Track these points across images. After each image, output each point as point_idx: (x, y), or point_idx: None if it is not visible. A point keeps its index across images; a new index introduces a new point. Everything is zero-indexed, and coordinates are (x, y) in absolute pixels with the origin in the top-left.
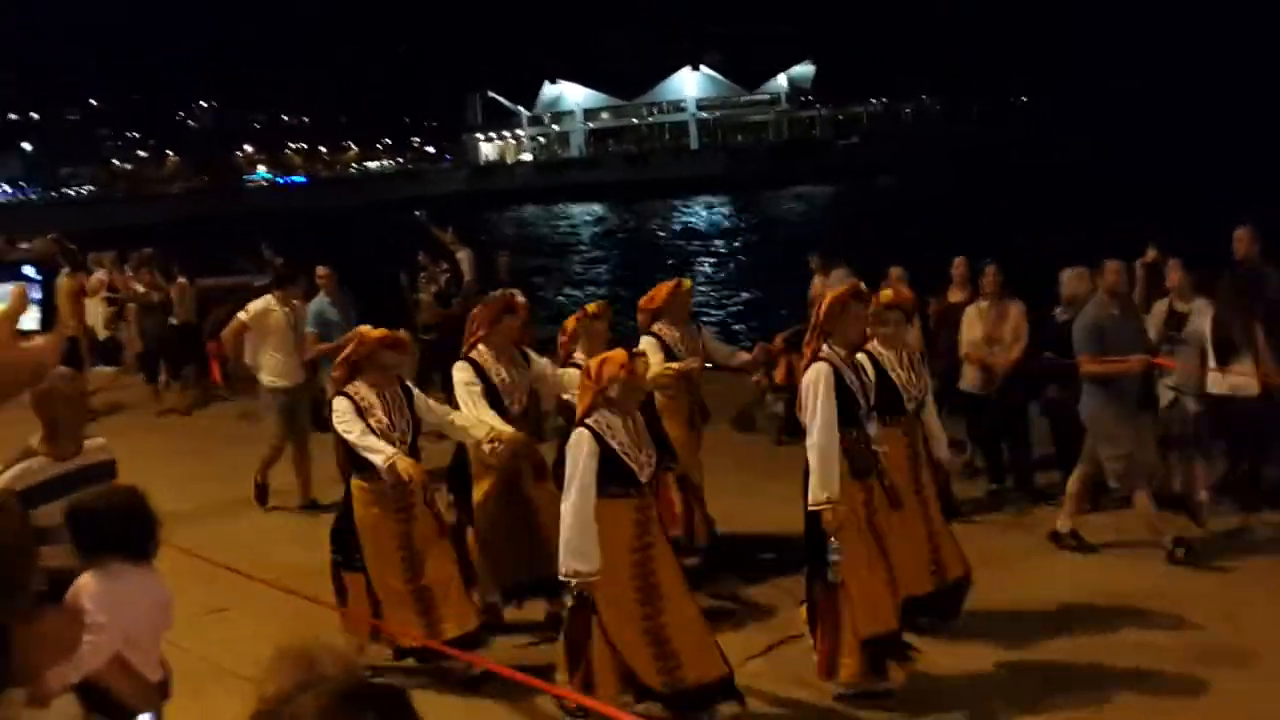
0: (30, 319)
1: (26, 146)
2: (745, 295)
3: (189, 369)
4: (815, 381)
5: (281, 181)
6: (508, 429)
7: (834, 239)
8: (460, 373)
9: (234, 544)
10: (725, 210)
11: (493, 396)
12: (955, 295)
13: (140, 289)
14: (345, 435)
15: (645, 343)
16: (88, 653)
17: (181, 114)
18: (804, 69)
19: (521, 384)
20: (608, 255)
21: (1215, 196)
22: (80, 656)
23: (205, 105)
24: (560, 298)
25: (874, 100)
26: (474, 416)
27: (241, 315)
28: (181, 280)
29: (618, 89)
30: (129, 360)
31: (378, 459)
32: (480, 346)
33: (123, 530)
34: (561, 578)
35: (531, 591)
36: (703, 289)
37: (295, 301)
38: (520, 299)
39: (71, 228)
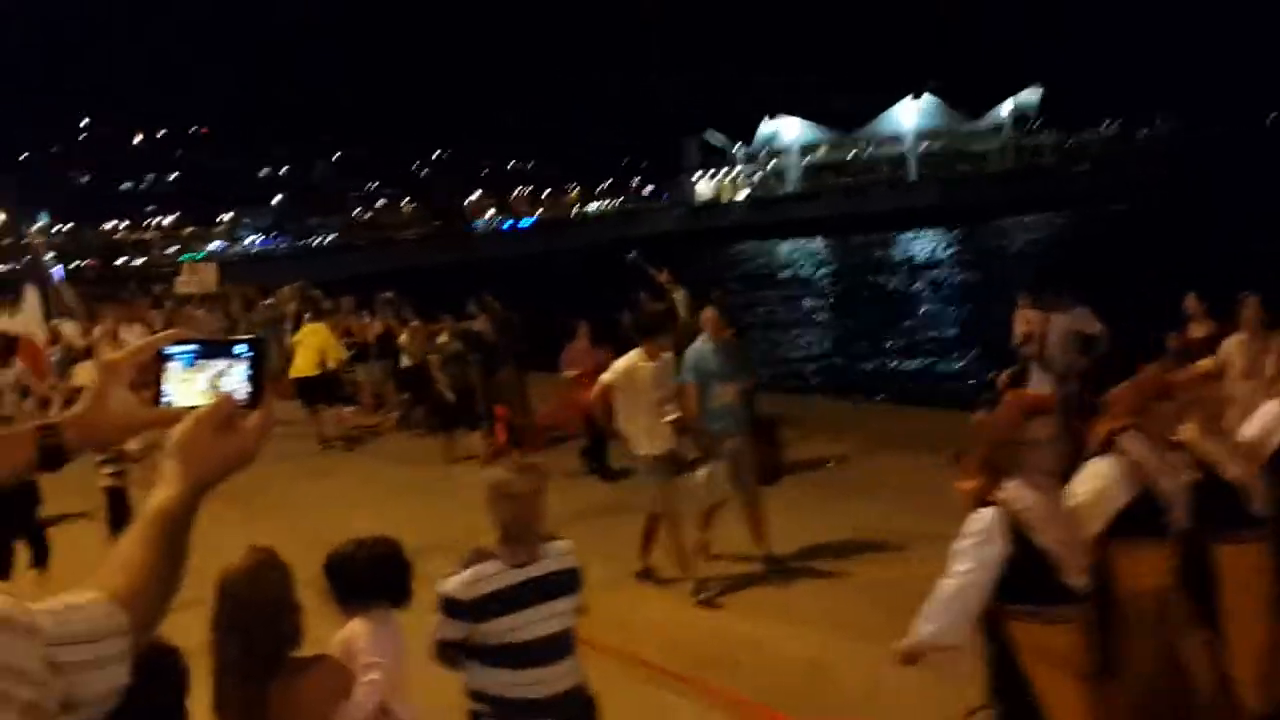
0: (240, 392)
1: (278, 199)
2: (965, 330)
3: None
4: None
5: (506, 226)
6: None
7: (1062, 271)
8: (1095, 479)
9: None
10: (946, 242)
11: (1152, 509)
12: (1197, 330)
13: (444, 338)
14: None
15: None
16: (365, 694)
17: (416, 163)
18: (1030, 94)
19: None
20: (826, 290)
21: None
22: (358, 699)
23: (438, 155)
24: (778, 335)
25: (1107, 124)
26: None
27: (606, 376)
28: (415, 323)
29: (836, 122)
30: (366, 401)
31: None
32: (1127, 436)
33: (386, 577)
34: None
35: None
36: (920, 324)
37: (664, 354)
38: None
39: (317, 276)
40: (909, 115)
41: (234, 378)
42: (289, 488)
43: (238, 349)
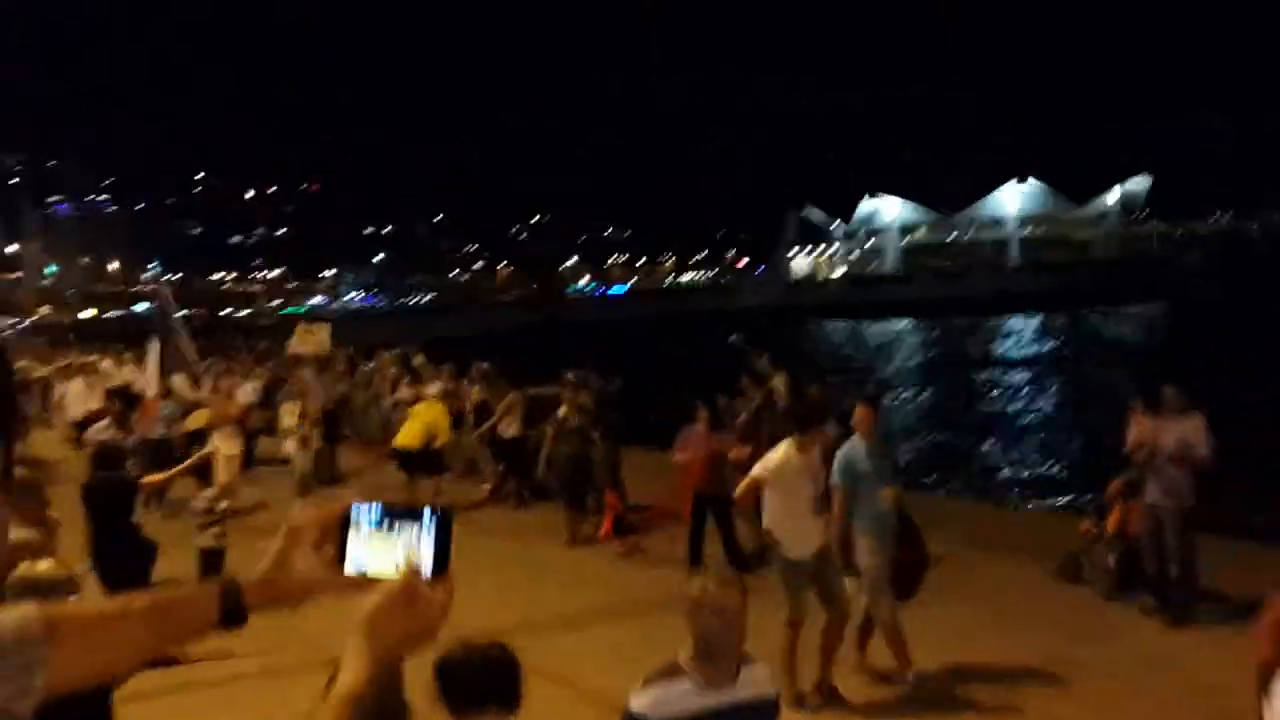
0: (426, 563)
1: (380, 257)
2: (1069, 430)
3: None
4: None
5: (600, 292)
6: None
7: (1171, 368)
8: None
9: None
10: (1046, 331)
11: None
12: None
13: (564, 411)
14: None
15: None
16: None
17: (515, 228)
18: (1139, 182)
19: None
20: (920, 375)
21: None
22: None
23: (536, 219)
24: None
25: (1217, 215)
26: None
27: (758, 470)
28: (513, 395)
29: (937, 204)
30: (459, 468)
31: None
32: None
33: (499, 683)
34: None
35: None
36: (1019, 417)
37: (817, 448)
38: None
39: (413, 336)
40: (1012, 199)
41: (420, 547)
42: None
43: (425, 516)
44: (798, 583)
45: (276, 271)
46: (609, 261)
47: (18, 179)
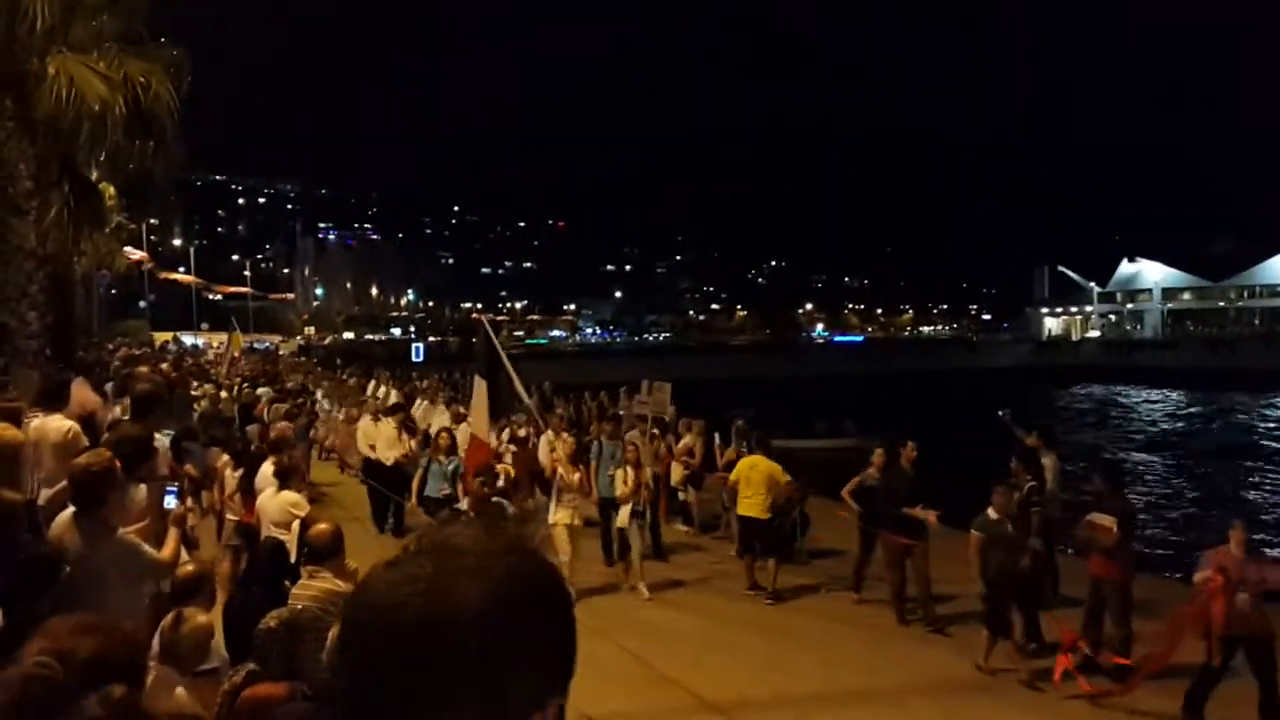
0: None
1: (618, 294)
2: None
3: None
4: None
5: (834, 339)
6: None
7: None
8: None
9: None
10: None
11: None
12: None
13: (994, 515)
14: None
15: None
16: None
17: (752, 272)
18: None
19: None
20: (1185, 454)
21: None
22: None
23: (774, 264)
24: (1158, 500)
25: None
26: None
27: None
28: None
29: (1204, 270)
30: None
31: None
32: None
33: None
34: None
35: None
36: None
37: None
38: None
39: (648, 376)
40: None
41: None
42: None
43: None
44: None
45: (521, 304)
46: (845, 309)
47: (293, 205)
